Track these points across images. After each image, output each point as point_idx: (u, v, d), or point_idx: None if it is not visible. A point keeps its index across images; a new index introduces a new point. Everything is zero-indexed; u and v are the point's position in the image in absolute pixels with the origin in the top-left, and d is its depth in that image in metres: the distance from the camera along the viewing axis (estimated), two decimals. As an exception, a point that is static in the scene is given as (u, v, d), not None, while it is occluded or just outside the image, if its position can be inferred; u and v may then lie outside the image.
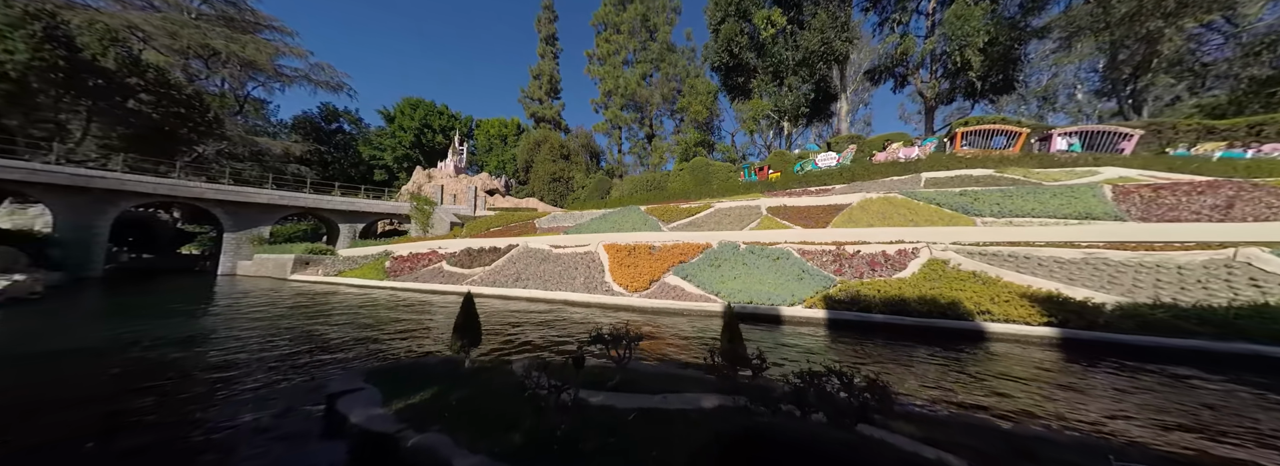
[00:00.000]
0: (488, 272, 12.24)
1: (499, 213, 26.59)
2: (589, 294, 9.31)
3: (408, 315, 8.02)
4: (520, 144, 41.94)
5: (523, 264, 12.36)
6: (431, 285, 12.05)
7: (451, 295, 11.11)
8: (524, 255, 13.10)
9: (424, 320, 7.45)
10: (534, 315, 7.87)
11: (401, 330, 6.60)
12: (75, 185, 15.15)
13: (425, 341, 5.82)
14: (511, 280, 11.28)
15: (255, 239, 20.34)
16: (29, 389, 3.81)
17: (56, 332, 6.37)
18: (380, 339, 5.97)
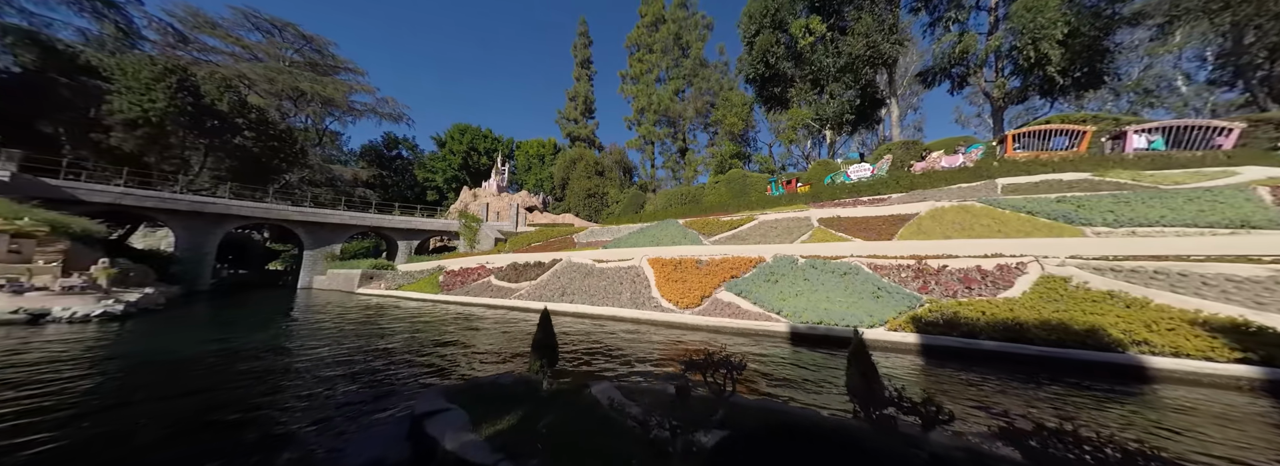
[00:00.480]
0: (534, 287, 12.31)
1: (538, 228, 27.42)
2: (637, 309, 8.93)
3: (461, 328, 8.09)
4: (557, 162, 43.75)
5: (567, 278, 12.32)
6: (482, 299, 12.32)
7: (500, 309, 11.24)
8: (567, 269, 13.10)
9: (476, 334, 7.45)
10: (584, 331, 7.61)
11: (453, 339, 6.59)
12: (194, 210, 17.66)
13: (484, 355, 5.72)
14: (557, 294, 11.22)
15: (329, 255, 22.41)
16: (149, 390, 4.08)
17: (174, 340, 7.07)
18: (441, 351, 5.97)
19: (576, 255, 14.46)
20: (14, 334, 6.80)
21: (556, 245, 20.39)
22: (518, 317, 9.71)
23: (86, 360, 5.32)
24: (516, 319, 9.45)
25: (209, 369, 5.02)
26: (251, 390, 4.24)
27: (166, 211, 17.14)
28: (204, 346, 6.21)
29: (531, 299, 11.36)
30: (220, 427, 3.28)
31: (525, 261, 15.33)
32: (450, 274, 16.33)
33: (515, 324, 8.78)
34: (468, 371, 5.01)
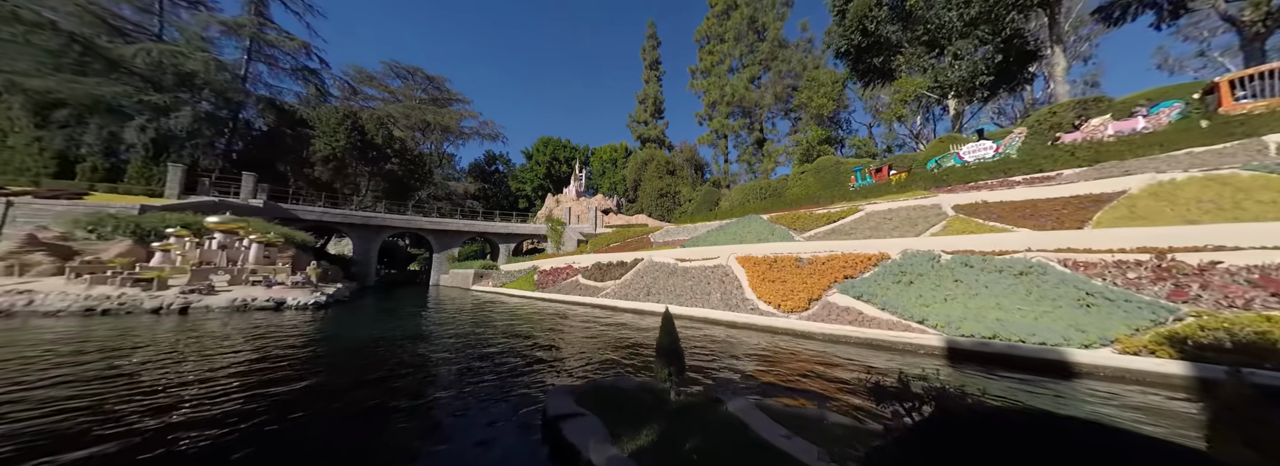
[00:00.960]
0: (619, 286, 12.52)
1: (615, 229, 28.34)
2: (731, 312, 8.24)
3: (559, 323, 8.52)
4: (629, 165, 44.93)
5: (651, 278, 12.20)
6: (572, 296, 13.02)
7: (588, 306, 11.68)
8: (650, 269, 13.00)
9: (572, 330, 7.71)
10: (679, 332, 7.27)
11: (554, 334, 6.88)
12: (364, 223, 22.77)
13: (584, 351, 5.79)
14: (642, 294, 11.16)
15: (450, 257, 26.70)
16: (339, 364, 5.04)
17: (354, 325, 8.96)
18: (546, 343, 6.26)
19: (657, 254, 14.30)
20: (269, 318, 9.41)
21: (633, 245, 20.68)
22: (605, 315, 9.89)
23: (305, 337, 7.04)
24: (604, 317, 9.62)
25: (375, 351, 6.03)
26: (401, 374, 4.90)
27: (347, 224, 22.42)
28: (372, 331, 7.64)
29: (618, 297, 11.51)
30: (378, 412, 3.69)
31: (608, 261, 15.79)
32: (543, 273, 17.77)
33: (603, 321, 8.92)
34: (575, 366, 5.06)
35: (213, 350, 5.72)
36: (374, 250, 23.66)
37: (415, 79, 39.86)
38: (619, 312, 10.23)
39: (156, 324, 8.17)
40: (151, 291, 9.99)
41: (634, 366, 5.02)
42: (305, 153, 25.69)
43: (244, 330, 7.44)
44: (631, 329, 7.70)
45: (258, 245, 13.53)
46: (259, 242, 13.60)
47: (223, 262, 12.69)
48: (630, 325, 8.20)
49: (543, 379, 4.51)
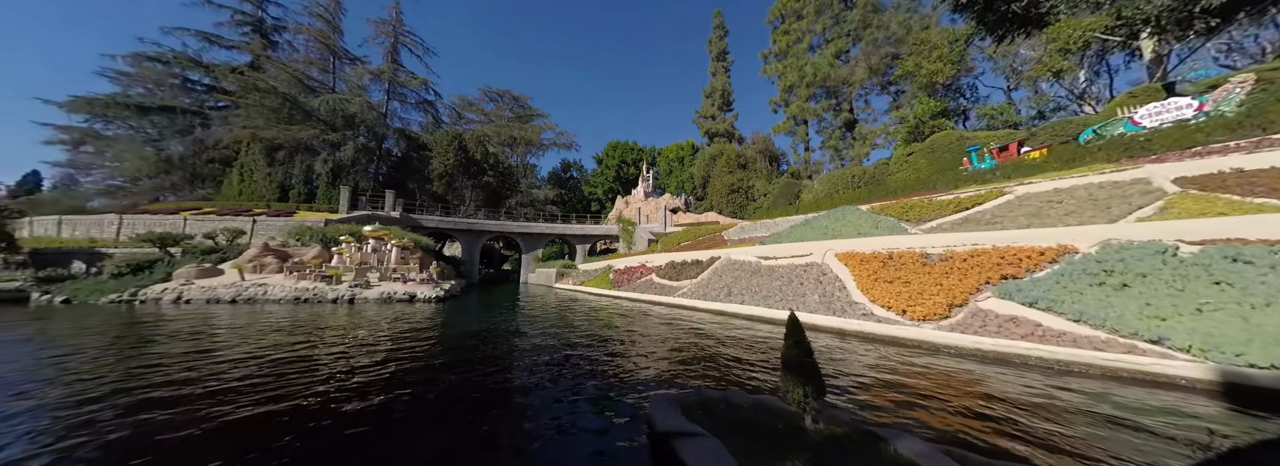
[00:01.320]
0: (695, 286, 12.00)
1: (685, 228, 27.74)
2: (837, 317, 7.06)
3: (639, 322, 8.41)
4: (696, 162, 43.79)
5: (730, 277, 11.40)
6: (649, 295, 12.93)
7: (665, 305, 11.42)
8: (728, 268, 12.18)
9: (652, 329, 7.49)
10: (761, 338, 6.47)
11: (636, 333, 6.72)
12: (469, 229, 26.47)
13: (668, 352, 5.48)
14: (722, 294, 10.46)
15: (535, 257, 29.42)
16: (450, 351, 5.64)
17: (465, 316, 10.25)
18: (629, 342, 6.14)
19: (734, 252, 13.35)
20: (406, 308, 11.39)
21: (706, 243, 19.84)
22: (684, 316, 9.47)
23: (432, 324, 8.21)
24: (682, 317, 9.21)
25: (484, 339, 6.64)
26: (505, 360, 5.20)
27: (457, 229, 26.32)
28: (480, 323, 8.59)
29: (695, 297, 11.00)
30: (484, 390, 3.90)
31: (682, 260, 15.36)
32: (618, 272, 18.19)
33: (683, 321, 8.52)
34: (664, 368, 4.77)
35: (376, 330, 7.03)
36: (477, 252, 27.33)
37: (504, 100, 45.16)
38: (697, 313, 9.73)
39: (336, 310, 10.47)
40: (331, 285, 12.92)
41: (729, 375, 4.51)
42: (426, 171, 31.01)
43: (390, 317, 9.03)
44: (715, 331, 7.14)
45: (397, 248, 16.59)
46: (398, 246, 16.66)
47: (375, 263, 15.85)
48: (713, 327, 7.65)
49: (634, 377, 4.31)
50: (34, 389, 3.70)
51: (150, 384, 3.85)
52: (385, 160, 32.09)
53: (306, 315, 9.23)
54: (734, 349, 5.67)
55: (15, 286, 11.85)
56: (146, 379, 4.00)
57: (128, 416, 3.09)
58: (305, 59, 30.52)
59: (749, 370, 4.66)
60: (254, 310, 10.09)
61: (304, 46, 31.22)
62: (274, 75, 26.68)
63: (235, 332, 6.82)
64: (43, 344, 5.83)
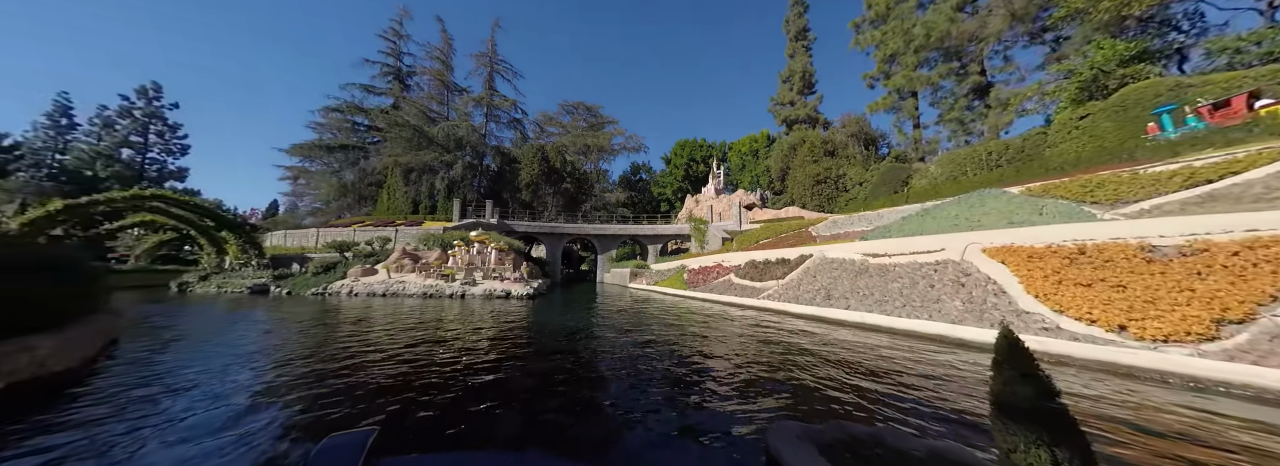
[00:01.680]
0: (783, 287, 10.71)
1: (763, 224, 25.59)
2: (993, 330, 5.35)
3: (721, 326, 7.75)
4: (772, 154, 40.36)
5: (827, 277, 9.85)
6: (728, 297, 12.06)
7: (748, 308, 10.44)
8: (824, 267, 10.57)
9: (737, 335, 6.76)
10: (885, 353, 5.19)
11: (720, 339, 6.09)
12: (552, 232, 28.87)
13: (757, 361, 4.77)
14: (819, 297, 9.06)
15: (609, 258, 30.61)
16: (535, 345, 5.85)
17: (553, 313, 10.93)
18: (713, 349, 5.58)
19: (831, 249, 11.56)
20: (503, 303, 12.73)
21: (789, 241, 17.84)
22: (770, 320, 8.44)
23: (525, 317, 8.87)
24: (769, 322, 8.20)
25: (570, 335, 6.78)
26: (586, 367, 5.12)
27: (542, 233, 28.92)
28: (565, 320, 9.02)
29: (786, 300, 9.75)
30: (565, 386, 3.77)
31: (764, 259, 14.00)
32: (692, 272, 17.56)
33: (770, 326, 7.56)
34: (760, 376, 4.10)
35: (481, 319, 7.88)
36: (559, 253, 29.61)
37: (578, 112, 48.42)
38: (789, 318, 8.56)
39: (451, 303, 12.20)
40: (448, 282, 15.19)
41: (853, 402, 3.61)
42: (515, 181, 34.91)
43: (493, 311, 10.09)
44: (816, 341, 6.07)
45: (495, 251, 18.81)
46: (496, 249, 18.90)
47: (479, 263, 18.22)
48: (811, 335, 6.54)
49: (726, 394, 3.77)
50: (281, 343, 5.89)
51: (342, 345, 5.68)
52: (485, 175, 37.14)
53: (432, 306, 10.95)
54: (847, 368, 4.65)
55: (263, 282, 16.78)
56: (340, 342, 5.95)
57: (324, 364, 4.68)
58: (428, 95, 37.36)
59: (879, 398, 3.68)
60: (397, 301, 12.40)
61: (427, 85, 38.23)
62: (407, 111, 33.24)
63: (387, 316, 8.41)
64: (285, 319, 8.27)
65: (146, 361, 4.60)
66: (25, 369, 3.08)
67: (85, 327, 4.01)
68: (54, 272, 4.07)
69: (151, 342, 5.67)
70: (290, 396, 3.47)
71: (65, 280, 4.19)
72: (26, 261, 3.85)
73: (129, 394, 3.41)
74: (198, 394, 3.47)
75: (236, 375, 4.07)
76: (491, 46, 38.68)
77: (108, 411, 3.00)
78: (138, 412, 3.02)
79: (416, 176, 31.00)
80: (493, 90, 38.37)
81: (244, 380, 3.92)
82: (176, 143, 45.04)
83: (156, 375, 4.00)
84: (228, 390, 3.59)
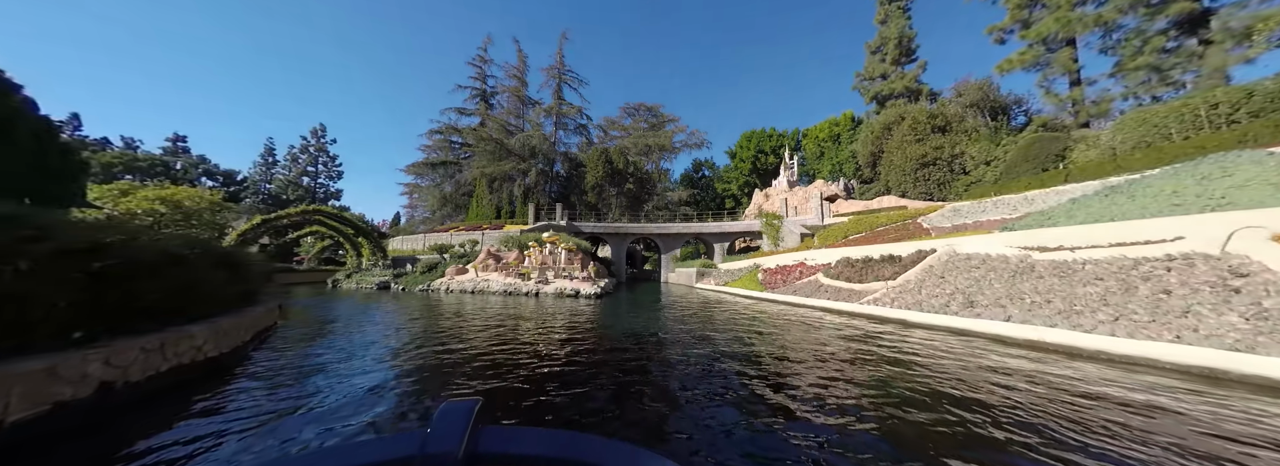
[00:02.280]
0: (895, 290, 8.63)
1: (852, 218, 22.06)
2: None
3: (812, 336, 6.36)
4: (858, 137, 35.12)
5: (965, 278, 7.59)
6: (816, 300, 10.28)
7: (843, 314, 8.63)
8: (955, 265, 8.22)
9: (838, 347, 5.35)
10: (1151, 401, 3.33)
11: (815, 354, 4.81)
12: (616, 232, 29.30)
13: (865, 382, 3.49)
14: (955, 303, 6.96)
15: (673, 257, 29.84)
16: (598, 341, 5.37)
17: (620, 314, 10.63)
18: (813, 369, 4.39)
19: (963, 242, 9.01)
20: (573, 302, 12.92)
21: (890, 234, 14.81)
22: (878, 330, 6.68)
23: (593, 318, 8.63)
24: (879, 332, 6.46)
25: (637, 345, 6.19)
26: (657, 390, 4.41)
27: (607, 233, 29.53)
28: (634, 324, 8.56)
29: (901, 306, 7.76)
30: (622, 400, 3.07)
31: (863, 255, 11.71)
32: (769, 272, 15.76)
33: (878, 339, 5.89)
34: (911, 428, 2.89)
35: (554, 319, 7.85)
36: (623, 253, 29.87)
37: (640, 113, 48.84)
38: (910, 328, 6.69)
39: (527, 300, 12.79)
40: (524, 281, 16.12)
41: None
42: (581, 184, 36.43)
43: (563, 310, 10.17)
44: (970, 365, 4.40)
45: (565, 251, 19.55)
46: (566, 249, 19.63)
47: (551, 263, 19.11)
48: (957, 355, 4.83)
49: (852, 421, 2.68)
50: (404, 328, 7.02)
51: (446, 332, 6.65)
52: (555, 180, 39.62)
53: (511, 304, 11.57)
54: (1080, 427, 3.06)
55: (385, 279, 20.04)
56: (445, 329, 6.94)
57: (434, 346, 5.59)
58: (507, 111, 41.44)
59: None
60: (483, 298, 13.51)
61: (506, 102, 42.46)
62: (490, 127, 37.25)
63: (475, 311, 9.00)
64: (400, 310, 9.54)
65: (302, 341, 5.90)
66: (186, 353, 3.67)
67: (240, 318, 4.84)
68: (230, 268, 5.22)
69: (306, 330, 6.98)
70: (399, 385, 3.87)
71: (238, 275, 5.45)
72: (219, 258, 5.11)
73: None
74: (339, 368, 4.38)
75: (369, 355, 5.04)
76: (559, 58, 41.21)
77: (260, 385, 3.72)
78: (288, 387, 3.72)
79: (498, 185, 34.41)
80: (561, 100, 40.80)
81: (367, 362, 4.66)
82: (335, 169, 58.07)
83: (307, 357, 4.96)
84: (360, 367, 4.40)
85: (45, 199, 8.40)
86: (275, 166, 55.12)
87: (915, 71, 32.71)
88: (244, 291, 5.67)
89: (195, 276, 4.06)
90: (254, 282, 6.37)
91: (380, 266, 23.06)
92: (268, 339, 5.93)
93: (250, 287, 6.08)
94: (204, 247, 4.75)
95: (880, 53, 34.39)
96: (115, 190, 19.88)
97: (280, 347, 5.29)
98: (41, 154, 8.49)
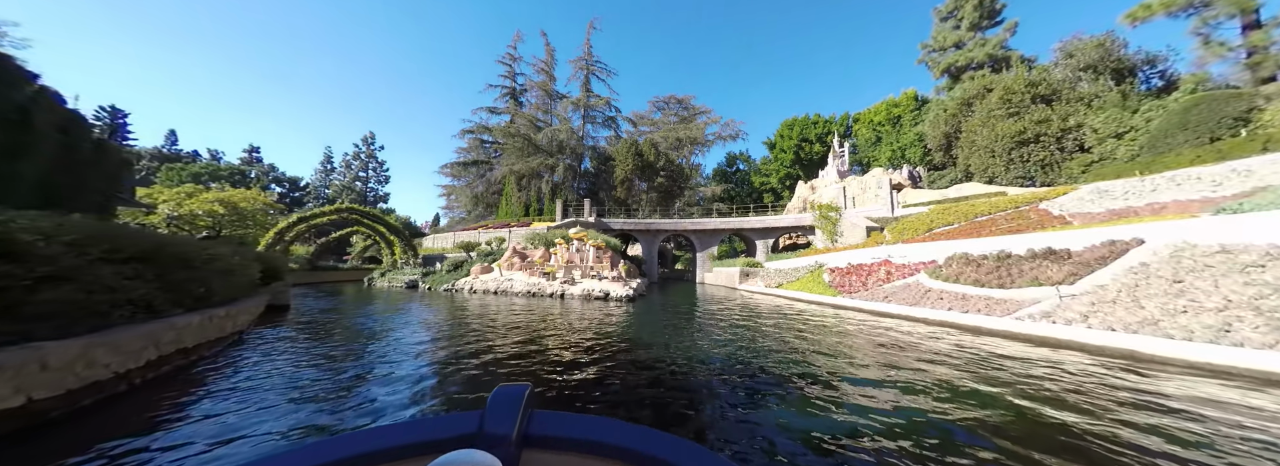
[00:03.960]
0: (1082, 299, 5.73)
1: (934, 207, 18.30)
2: None
3: (977, 371, 3.84)
4: (926, 118, 30.37)
5: (1236, 285, 4.64)
6: (932, 312, 7.45)
7: (992, 334, 5.86)
8: (1202, 264, 5.22)
9: (1048, 391, 2.86)
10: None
11: (975, 392, 2.40)
12: (647, 229, 27.27)
13: None
14: (1250, 328, 4.12)
15: (710, 256, 27.27)
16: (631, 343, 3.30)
17: (652, 322, 8.55)
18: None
19: (1198, 228, 5.90)
20: (601, 306, 11.12)
21: (1002, 225, 11.44)
22: (1090, 367, 4.00)
23: (626, 331, 6.61)
24: (1106, 375, 3.80)
25: (710, 389, 4.08)
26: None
27: (638, 230, 27.58)
28: (678, 341, 6.45)
29: (1111, 326, 4.93)
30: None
31: (998, 250, 8.69)
32: (839, 272, 12.91)
33: (1157, 400, 3.21)
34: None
35: (580, 326, 5.96)
36: (655, 251, 27.78)
37: (670, 106, 46.46)
38: (1159, 366, 3.95)
39: (550, 303, 11.07)
40: (548, 280, 14.53)
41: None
42: (610, 180, 34.80)
43: (592, 316, 8.25)
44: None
45: (593, 249, 17.81)
46: (594, 247, 17.89)
47: (578, 261, 17.46)
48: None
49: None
50: (431, 325, 5.92)
51: (472, 333, 5.44)
52: (583, 176, 38.36)
53: (533, 306, 9.91)
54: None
55: (414, 278, 19.48)
56: (472, 331, 5.80)
57: (463, 344, 4.73)
58: (535, 106, 40.82)
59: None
60: (504, 300, 12.03)
61: (535, 97, 41.92)
62: (519, 123, 36.67)
63: (488, 318, 7.35)
64: (427, 308, 8.36)
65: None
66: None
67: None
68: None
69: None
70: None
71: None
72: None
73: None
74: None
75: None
76: (587, 48, 39.92)
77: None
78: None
79: (527, 182, 33.66)
80: (589, 92, 39.47)
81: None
82: (383, 174, 61.41)
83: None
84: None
85: (79, 194, 7.92)
86: (333, 173, 59.18)
87: (1001, 36, 27.52)
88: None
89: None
90: (213, 282, 5.27)
91: (411, 265, 22.78)
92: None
93: (210, 287, 5.05)
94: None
95: (953, 18, 29.42)
96: (181, 193, 21.13)
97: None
98: (70, 148, 8.03)
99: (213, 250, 5.62)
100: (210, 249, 5.56)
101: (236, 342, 5.25)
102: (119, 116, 40.32)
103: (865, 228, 19.38)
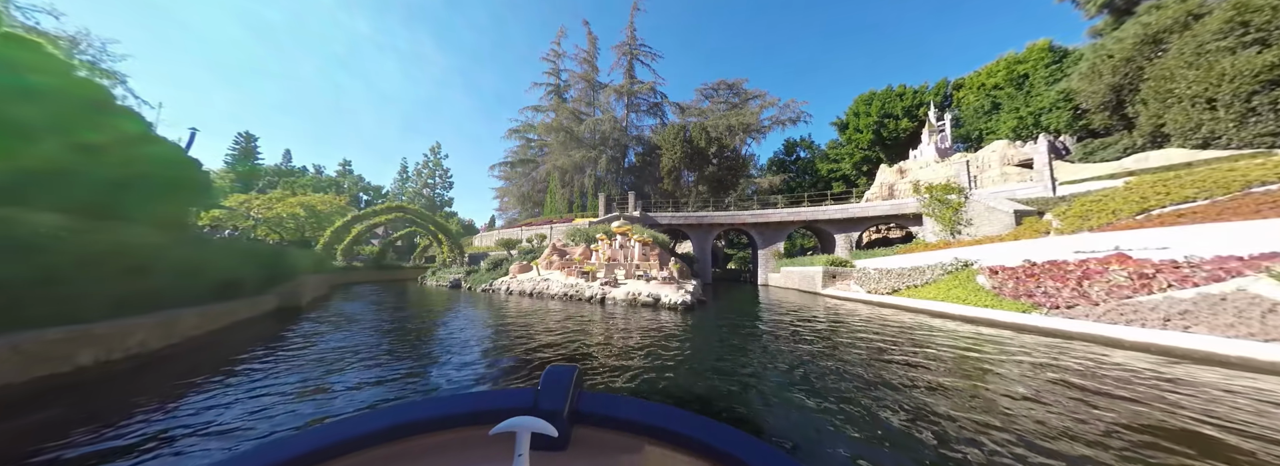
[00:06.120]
0: None
1: (1130, 182, 12.47)
2: None
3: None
4: (1077, 71, 22.80)
5: None
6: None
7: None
8: None
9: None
10: None
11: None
12: (699, 223, 24.07)
13: None
14: None
15: (775, 253, 23.14)
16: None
17: (728, 348, 5.68)
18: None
19: None
20: (650, 315, 8.56)
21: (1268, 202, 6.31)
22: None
23: (690, 353, 3.88)
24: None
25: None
26: None
27: (687, 225, 24.49)
28: (801, 400, 3.77)
29: None
30: None
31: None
32: (1010, 274, 8.64)
33: None
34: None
35: (626, 342, 3.60)
36: (708, 248, 24.45)
37: (719, 93, 42.32)
38: None
39: (589, 308, 8.71)
40: (588, 281, 12.25)
41: None
42: (656, 172, 32.09)
43: (637, 334, 5.61)
44: None
45: (639, 245, 15.27)
46: (640, 242, 15.35)
47: (621, 259, 15.05)
48: None
49: None
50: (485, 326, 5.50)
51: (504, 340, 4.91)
52: (627, 170, 36.16)
53: (570, 313, 7.64)
54: None
55: (458, 277, 18.76)
56: (502, 342, 4.88)
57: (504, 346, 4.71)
58: (577, 98, 39.66)
59: None
60: (538, 304, 10.00)
61: (577, 90, 40.84)
62: (561, 118, 35.64)
63: (501, 335, 5.15)
64: (471, 307, 7.36)
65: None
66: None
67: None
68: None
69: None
70: None
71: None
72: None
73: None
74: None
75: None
76: (630, 32, 37.63)
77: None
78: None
79: (569, 177, 32.38)
80: (633, 78, 37.10)
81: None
82: (448, 180, 66.18)
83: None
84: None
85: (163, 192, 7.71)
86: (408, 181, 65.22)
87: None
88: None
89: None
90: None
91: (458, 263, 22.46)
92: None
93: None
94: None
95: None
96: (272, 198, 23.18)
97: None
98: (174, 165, 7.77)
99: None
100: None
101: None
102: (253, 140, 48.20)
103: (1011, 212, 14.12)
